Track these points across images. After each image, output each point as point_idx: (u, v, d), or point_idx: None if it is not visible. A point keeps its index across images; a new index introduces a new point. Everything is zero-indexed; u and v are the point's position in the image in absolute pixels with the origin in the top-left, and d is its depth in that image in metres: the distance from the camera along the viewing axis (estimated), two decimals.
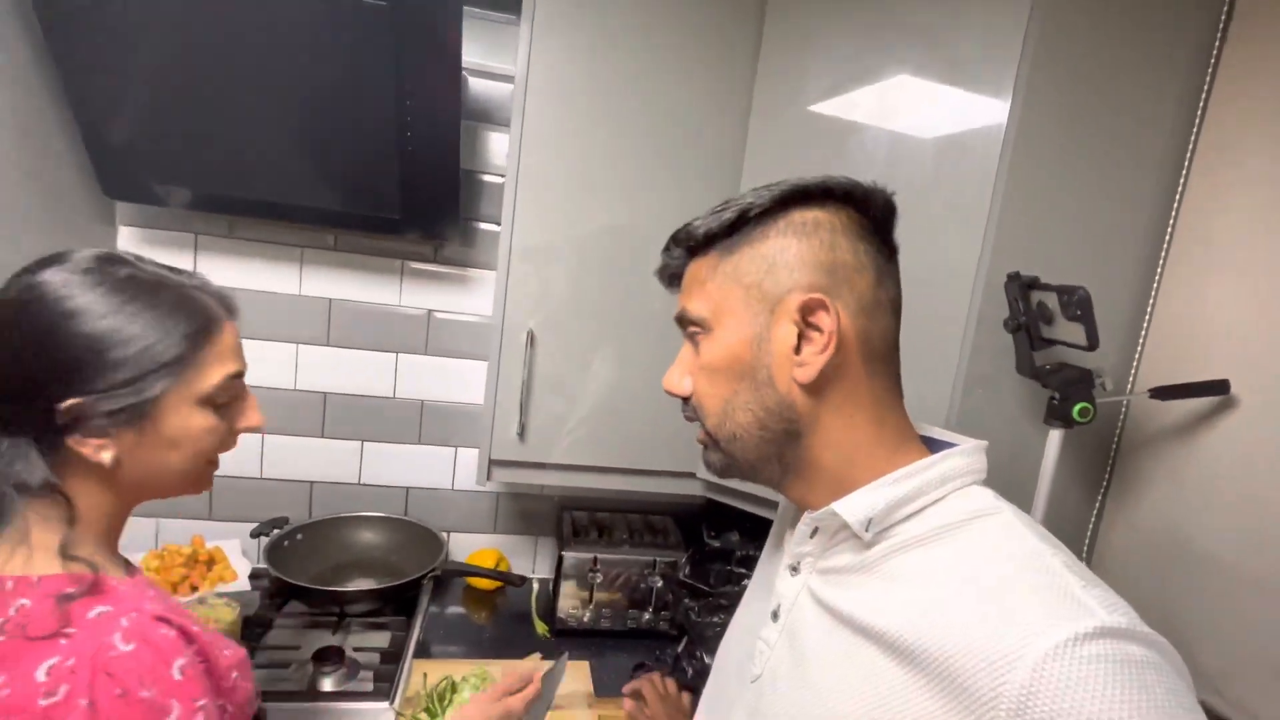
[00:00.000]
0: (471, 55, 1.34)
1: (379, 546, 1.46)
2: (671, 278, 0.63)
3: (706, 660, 1.24)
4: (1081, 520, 1.08)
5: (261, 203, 1.25)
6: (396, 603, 1.31)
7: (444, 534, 1.49)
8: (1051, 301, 0.86)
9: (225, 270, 1.37)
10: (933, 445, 0.58)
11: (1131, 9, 0.97)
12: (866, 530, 0.52)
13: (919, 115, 1.03)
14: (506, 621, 1.42)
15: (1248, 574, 0.84)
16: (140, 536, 1.41)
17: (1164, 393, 0.89)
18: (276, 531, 1.37)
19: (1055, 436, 0.91)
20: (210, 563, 1.31)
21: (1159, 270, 1.01)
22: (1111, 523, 1.04)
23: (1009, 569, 0.47)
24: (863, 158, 1.08)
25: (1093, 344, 0.81)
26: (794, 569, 0.60)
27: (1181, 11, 0.99)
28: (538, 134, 1.15)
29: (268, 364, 1.42)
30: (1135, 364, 1.03)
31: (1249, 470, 0.85)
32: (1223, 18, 0.97)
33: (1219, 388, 0.87)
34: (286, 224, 1.35)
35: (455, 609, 1.45)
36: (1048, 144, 0.97)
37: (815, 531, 0.58)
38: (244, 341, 1.35)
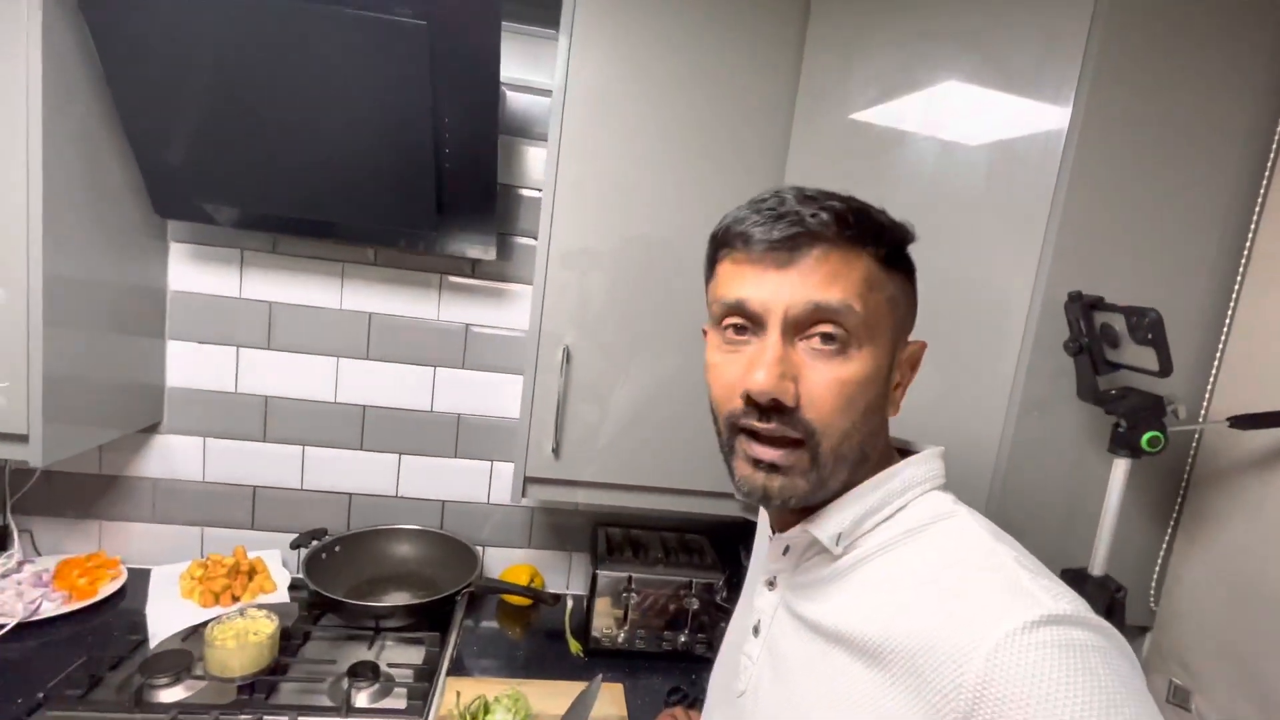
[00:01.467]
0: (508, 70, 1.34)
1: (415, 560, 1.47)
2: (797, 241, 0.51)
3: None
4: (1150, 554, 1.01)
5: (304, 220, 1.27)
6: (431, 618, 1.31)
7: (478, 548, 1.49)
8: (1118, 324, 0.81)
9: (269, 285, 1.40)
10: (903, 452, 0.61)
11: (1201, 12, 0.91)
12: (837, 544, 0.55)
13: (969, 125, 0.99)
14: (540, 639, 1.41)
15: None
16: (185, 545, 1.45)
17: (1244, 421, 0.83)
18: (315, 543, 1.39)
19: (1121, 466, 0.85)
20: (251, 573, 1.33)
21: (1236, 290, 0.94)
22: (1184, 557, 0.97)
23: (964, 568, 0.48)
24: (909, 169, 1.04)
25: (1165, 369, 0.76)
26: (770, 584, 0.62)
27: (1257, 10, 0.92)
28: (576, 147, 1.14)
29: (309, 377, 1.44)
30: (1209, 390, 0.96)
31: None
32: None
33: None
34: (328, 240, 1.37)
35: (489, 624, 1.45)
36: (1111, 155, 0.91)
37: (787, 549, 0.60)
38: (287, 355, 1.41)
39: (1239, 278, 0.94)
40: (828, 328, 0.51)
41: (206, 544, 1.45)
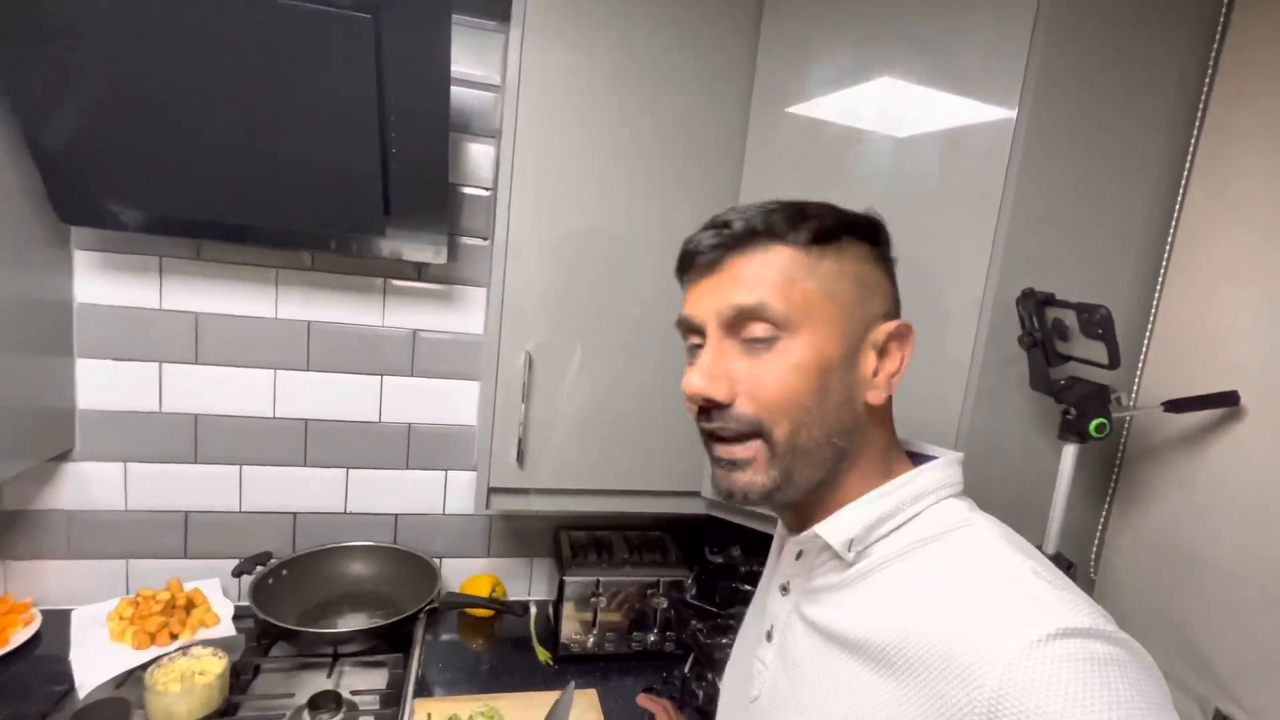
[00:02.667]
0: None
1: (369, 578, 1.40)
2: (718, 252, 0.55)
3: (717, 682, 1.22)
4: (1089, 529, 1.09)
5: (230, 224, 1.17)
6: (391, 638, 1.25)
7: (436, 560, 1.44)
8: (1068, 319, 0.86)
9: (194, 295, 1.29)
10: (916, 459, 0.60)
11: (1131, 22, 0.97)
12: (849, 550, 0.54)
13: (922, 124, 1.02)
14: (506, 649, 1.38)
15: (1257, 582, 0.86)
16: (109, 581, 1.33)
17: (1177, 406, 0.90)
18: (260, 568, 1.30)
19: (1070, 451, 0.91)
20: (190, 607, 1.24)
21: (1160, 281, 1.02)
22: (1119, 531, 1.05)
23: (981, 580, 0.48)
24: (867, 166, 1.07)
25: (1114, 362, 0.81)
26: (784, 589, 0.62)
27: (1179, 22, 0.99)
28: (530, 144, 1.11)
29: (244, 391, 1.34)
30: (1138, 376, 1.03)
31: (1258, 480, 0.87)
32: (1219, 29, 0.98)
33: (1229, 399, 0.88)
34: (259, 245, 1.28)
35: (450, 637, 1.40)
36: (1052, 155, 0.96)
37: (800, 554, 0.60)
38: (218, 369, 1.30)
39: (1163, 269, 1.02)
40: (756, 327, 0.53)
41: (134, 578, 1.34)
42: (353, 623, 1.30)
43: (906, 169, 1.03)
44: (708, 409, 0.54)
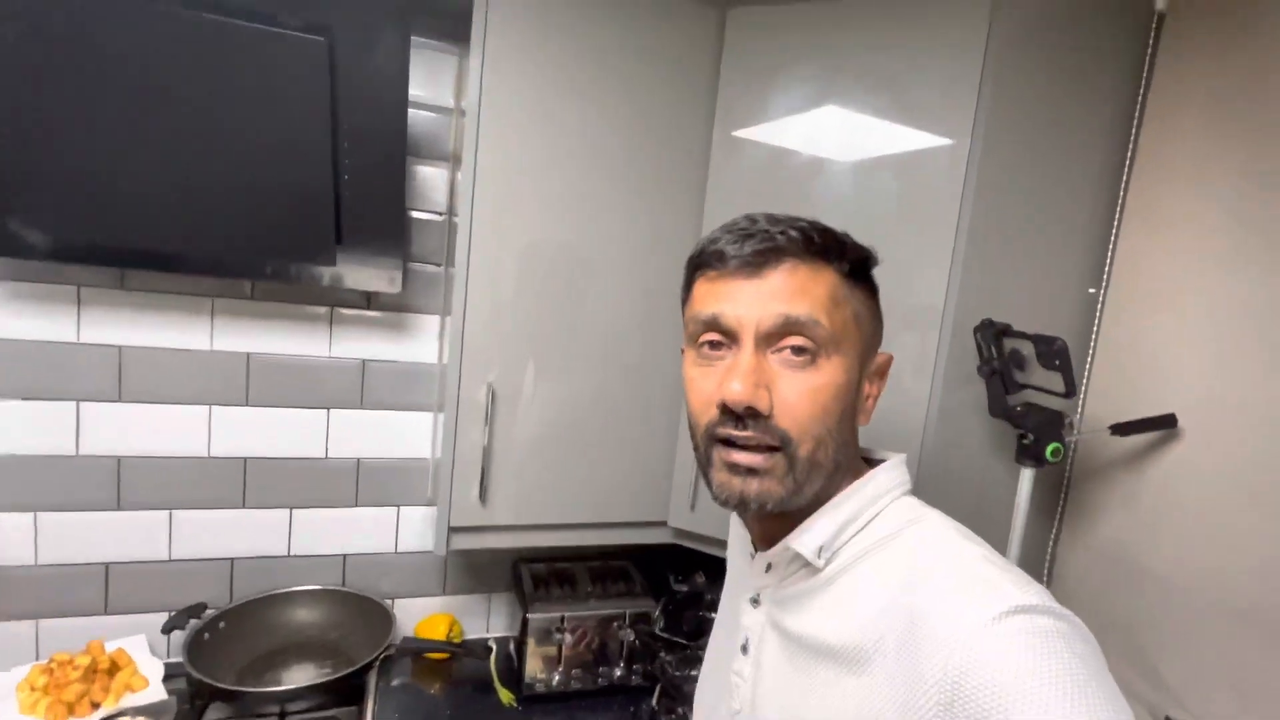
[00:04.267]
0: None
1: (316, 624, 1.32)
2: (765, 256, 0.54)
3: (688, 716, 1.21)
4: (1040, 545, 1.14)
5: (162, 253, 1.09)
6: (342, 689, 1.18)
7: (389, 602, 1.37)
8: (1025, 349, 0.89)
9: (116, 327, 1.19)
10: (870, 463, 0.64)
11: (1069, 64, 1.04)
12: (819, 558, 0.56)
13: (881, 154, 1.05)
14: (466, 692, 1.32)
15: (1200, 593, 0.91)
16: (16, 645, 1.19)
17: (1122, 429, 0.95)
18: (194, 622, 1.20)
19: (1028, 475, 0.95)
20: (113, 670, 1.13)
21: (1099, 309, 1.08)
22: (1069, 547, 1.11)
23: (937, 568, 0.51)
24: (830, 194, 1.09)
25: (1070, 391, 0.85)
26: (755, 601, 0.64)
27: (1109, 65, 1.07)
28: (493, 171, 1.08)
29: (175, 430, 1.24)
30: (1082, 401, 1.09)
31: (1196, 496, 0.93)
32: (1145, 72, 1.06)
33: (1168, 421, 0.94)
34: (192, 274, 1.18)
35: (405, 682, 1.33)
36: (1002, 188, 1.01)
37: (770, 566, 0.62)
38: (145, 406, 1.20)
39: (1101, 299, 1.08)
40: (797, 340, 0.54)
41: (46, 641, 1.21)
42: (299, 676, 1.22)
43: (865, 197, 1.06)
44: (741, 416, 0.54)
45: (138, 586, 1.25)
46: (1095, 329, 1.08)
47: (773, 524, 0.60)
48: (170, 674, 1.17)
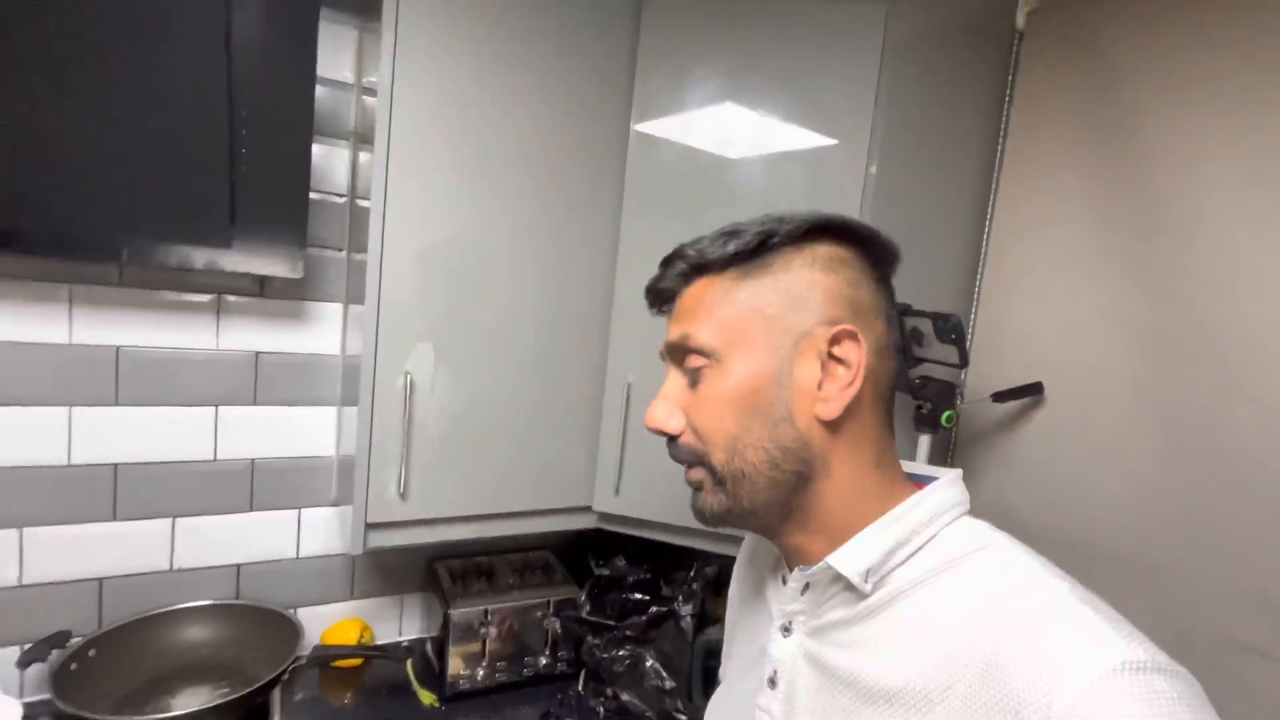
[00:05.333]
0: None
1: (209, 643, 1.20)
2: (661, 297, 0.60)
3: (622, 696, 1.23)
4: None
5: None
6: (243, 710, 1.08)
7: (291, 611, 1.27)
8: (924, 326, 0.99)
9: None
10: (914, 481, 0.57)
11: (948, 67, 1.15)
12: (866, 581, 0.51)
13: (789, 149, 1.12)
14: (381, 699, 1.26)
15: (1070, 542, 1.06)
16: None
17: (1001, 396, 1.08)
18: (56, 652, 1.06)
19: (925, 441, 1.05)
20: None
21: (976, 291, 1.22)
22: None
23: (1020, 605, 0.45)
24: (743, 189, 1.14)
25: (964, 362, 0.95)
26: (786, 629, 0.58)
27: (979, 75, 1.20)
28: (407, 153, 1.03)
29: (25, 436, 1.08)
30: (963, 373, 1.22)
31: (1062, 455, 1.07)
32: (1010, 81, 1.20)
33: (1036, 389, 1.07)
34: (42, 256, 1.03)
35: (311, 695, 1.24)
36: (895, 180, 1.11)
37: (806, 587, 0.56)
38: None
39: (978, 284, 1.21)
40: (690, 359, 0.56)
41: None
42: (191, 702, 1.10)
43: (774, 190, 1.13)
44: (669, 441, 0.57)
45: None
46: (974, 309, 1.22)
47: (805, 543, 0.55)
48: (33, 713, 1.02)
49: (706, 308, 0.55)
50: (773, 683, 0.58)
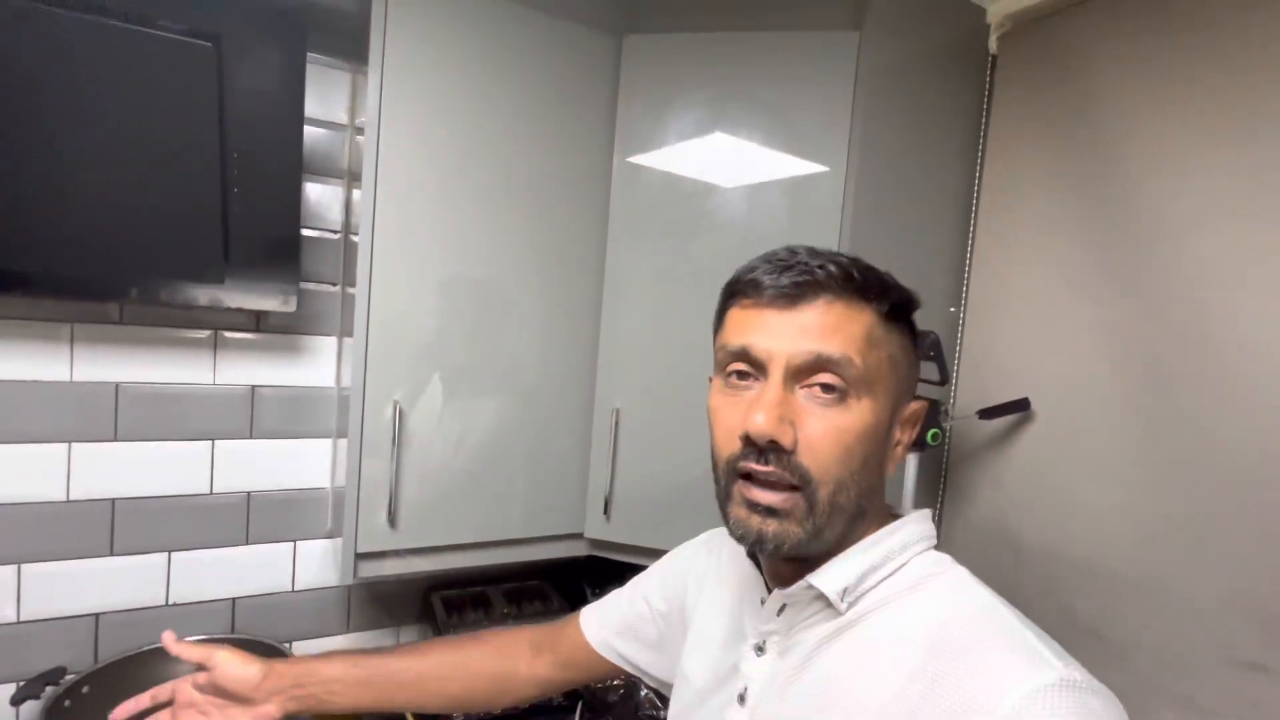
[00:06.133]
0: None
1: None
2: (802, 289, 0.53)
3: None
4: None
5: (7, 271, 0.97)
6: None
7: (287, 645, 1.27)
8: None
9: None
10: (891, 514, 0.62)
11: (921, 101, 1.18)
12: (842, 600, 0.54)
13: (767, 176, 1.14)
14: None
15: (1063, 558, 1.04)
16: None
17: (988, 413, 1.07)
18: (51, 689, 1.06)
19: (912, 459, 1.05)
20: None
21: (962, 310, 1.22)
22: (951, 523, 1.22)
23: (973, 626, 0.50)
24: (723, 215, 1.16)
25: (945, 379, 0.95)
26: (759, 649, 0.60)
27: (955, 100, 1.22)
28: (394, 190, 1.06)
29: (24, 472, 1.10)
30: (953, 391, 1.22)
31: (1051, 470, 1.06)
32: (985, 105, 1.22)
33: (1022, 405, 1.07)
34: (47, 296, 1.07)
35: None
36: (873, 204, 1.13)
37: (783, 608, 0.58)
38: None
39: (963, 303, 1.22)
40: (827, 377, 0.52)
41: None
42: None
43: (756, 216, 1.15)
44: (764, 450, 0.52)
45: None
46: (960, 328, 1.22)
47: (789, 566, 0.57)
48: None
49: (869, 341, 0.53)
50: (742, 699, 0.59)
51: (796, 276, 0.53)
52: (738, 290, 0.57)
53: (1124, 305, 0.99)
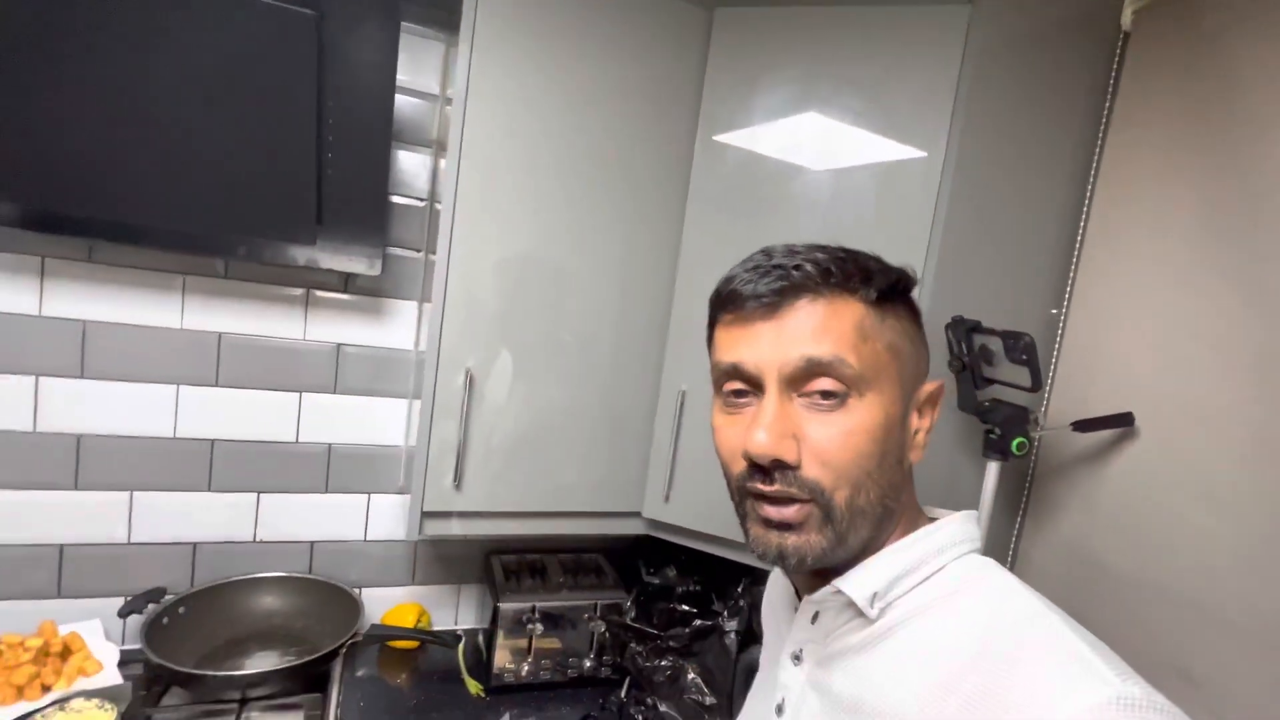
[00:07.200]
0: None
1: (282, 612, 1.29)
2: (781, 295, 0.51)
3: (660, 707, 1.21)
4: (1004, 540, 1.17)
5: (131, 225, 1.06)
6: (306, 677, 1.16)
7: (356, 590, 1.35)
8: (994, 345, 0.92)
9: (82, 301, 1.16)
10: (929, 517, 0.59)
11: (1038, 76, 1.08)
12: (871, 605, 0.51)
13: (858, 158, 1.08)
14: (432, 683, 1.30)
15: (1154, 587, 0.95)
16: None
17: (1083, 426, 0.99)
18: (153, 606, 1.17)
19: (993, 468, 0.98)
20: (66, 653, 1.09)
21: (1064, 311, 1.12)
22: (1031, 542, 1.14)
23: (1018, 635, 0.46)
24: (806, 198, 1.11)
25: (1037, 385, 0.88)
26: (796, 658, 0.58)
27: (1077, 79, 1.11)
28: (477, 160, 1.08)
29: (139, 409, 1.21)
30: (1046, 398, 1.13)
31: (1152, 493, 0.96)
32: (1111, 85, 1.10)
33: (1125, 420, 0.98)
34: (163, 250, 1.16)
35: (370, 673, 1.31)
36: (974, 192, 1.05)
37: (816, 616, 0.57)
38: (108, 383, 1.17)
39: (1065, 304, 1.12)
40: (825, 383, 0.49)
41: None
42: (262, 663, 1.19)
43: (842, 201, 1.09)
44: (768, 469, 0.50)
45: (94, 569, 1.22)
46: (1060, 331, 1.12)
47: (819, 574, 0.55)
48: (127, 659, 1.13)
49: (859, 335, 0.50)
50: (780, 710, 0.58)
51: (774, 282, 0.51)
52: (720, 305, 0.56)
53: (1251, 315, 0.88)
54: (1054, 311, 1.14)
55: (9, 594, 1.17)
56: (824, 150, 1.10)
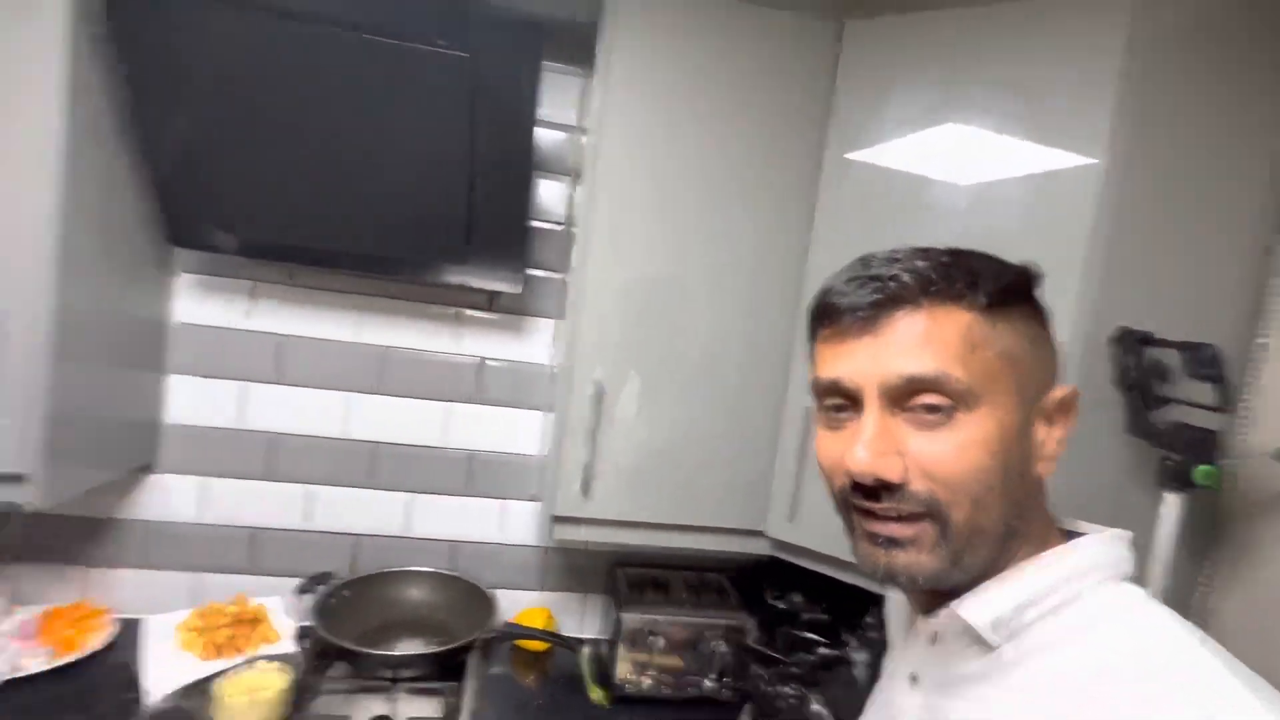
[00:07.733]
0: None
1: (426, 604, 1.40)
2: (879, 309, 0.48)
3: None
4: (1185, 590, 1.02)
5: (320, 250, 1.24)
6: (444, 666, 1.24)
7: (491, 590, 1.43)
8: (1169, 358, 0.82)
9: (279, 318, 1.35)
10: (1069, 538, 0.53)
11: (1217, 68, 0.96)
12: (994, 633, 0.48)
13: (1002, 166, 1.01)
14: (557, 686, 1.35)
15: None
16: (174, 592, 1.35)
17: None
18: (322, 588, 1.32)
19: (1172, 502, 0.86)
20: (255, 622, 1.25)
21: (1262, 321, 0.97)
22: (1224, 591, 0.98)
23: (1166, 676, 0.41)
24: (943, 209, 1.06)
25: (1227, 404, 0.77)
26: (914, 679, 0.56)
27: (1264, 67, 0.97)
28: (609, 188, 1.14)
29: (318, 412, 1.38)
30: (1241, 422, 0.98)
31: None
32: None
33: None
34: (343, 272, 1.33)
35: (501, 670, 1.38)
36: (1143, 197, 0.94)
37: (935, 637, 0.54)
38: (297, 389, 1.35)
39: (1264, 313, 0.97)
40: (930, 398, 0.47)
41: (202, 590, 1.36)
42: (409, 647, 1.30)
43: (985, 212, 1.03)
44: (874, 488, 0.48)
45: (278, 551, 1.40)
46: (1259, 345, 0.97)
47: (938, 594, 0.52)
48: (297, 633, 1.28)
49: (967, 346, 0.47)
50: None
51: (870, 294, 0.49)
52: (816, 318, 0.54)
53: None
54: (1248, 324, 0.99)
55: (216, 567, 1.38)
56: (961, 162, 1.04)
